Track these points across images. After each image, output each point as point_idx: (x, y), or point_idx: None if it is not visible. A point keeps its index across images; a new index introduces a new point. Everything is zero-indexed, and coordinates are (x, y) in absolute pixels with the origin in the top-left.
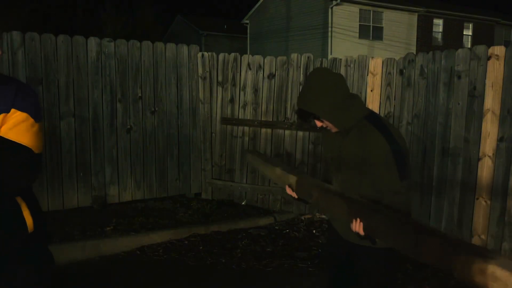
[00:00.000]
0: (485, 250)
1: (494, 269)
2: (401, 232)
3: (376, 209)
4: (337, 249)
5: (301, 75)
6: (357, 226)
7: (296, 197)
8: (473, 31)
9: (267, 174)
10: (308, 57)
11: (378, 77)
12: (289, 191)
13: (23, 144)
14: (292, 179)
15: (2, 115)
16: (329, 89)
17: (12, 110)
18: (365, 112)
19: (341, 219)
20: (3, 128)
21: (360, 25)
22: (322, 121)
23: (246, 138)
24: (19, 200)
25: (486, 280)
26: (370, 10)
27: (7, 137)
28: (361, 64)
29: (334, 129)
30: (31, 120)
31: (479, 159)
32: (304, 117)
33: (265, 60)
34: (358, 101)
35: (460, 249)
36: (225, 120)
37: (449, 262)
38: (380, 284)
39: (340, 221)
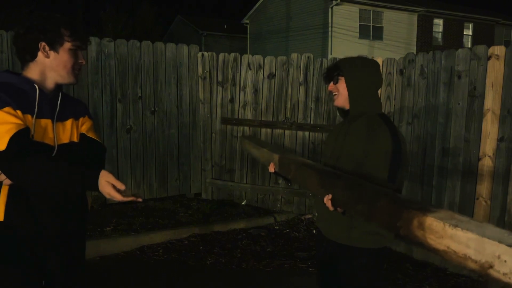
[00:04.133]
0: (429, 205)
1: (431, 221)
2: (357, 198)
3: (338, 176)
4: (323, 250)
5: (301, 75)
6: (327, 200)
7: (272, 171)
8: (473, 31)
9: (256, 155)
10: (308, 57)
11: None
12: (271, 168)
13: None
14: (276, 157)
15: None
16: (368, 73)
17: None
18: (379, 110)
19: (314, 192)
20: (83, 127)
21: (360, 25)
22: (337, 87)
23: None
24: None
25: (425, 233)
26: (370, 10)
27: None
28: None
29: (340, 103)
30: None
31: (479, 159)
32: (330, 74)
33: (265, 60)
34: (379, 101)
35: (404, 206)
36: (225, 120)
37: (395, 220)
38: (362, 285)
39: (323, 221)
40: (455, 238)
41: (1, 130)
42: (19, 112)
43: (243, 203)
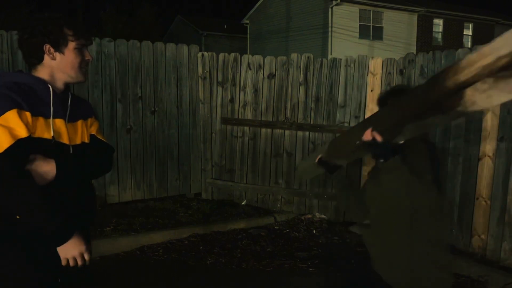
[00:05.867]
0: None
1: (460, 63)
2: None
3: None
4: None
5: (301, 75)
6: (369, 134)
7: (317, 161)
8: (473, 31)
9: (310, 169)
10: (308, 57)
11: (378, 77)
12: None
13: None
14: (323, 149)
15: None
16: None
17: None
18: None
19: (357, 146)
20: (92, 128)
21: (360, 25)
22: None
23: (246, 138)
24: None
25: (458, 76)
26: (370, 10)
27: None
28: (361, 64)
29: None
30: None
31: (479, 159)
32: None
33: (265, 60)
34: None
35: (437, 77)
36: (225, 120)
37: (433, 96)
38: None
39: (385, 262)
40: (482, 54)
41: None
42: (27, 114)
43: (243, 203)
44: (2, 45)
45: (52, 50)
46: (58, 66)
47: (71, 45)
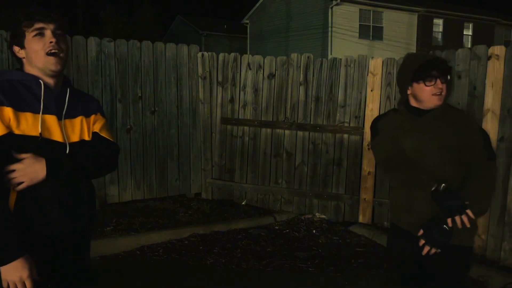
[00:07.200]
0: None
1: None
2: None
3: None
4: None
5: (301, 75)
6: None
7: None
8: (473, 31)
9: None
10: (308, 57)
11: (378, 77)
12: None
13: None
14: None
15: (93, 116)
16: None
17: (99, 114)
18: None
19: None
20: (95, 126)
21: (360, 25)
22: (444, 87)
23: (246, 138)
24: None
25: None
26: (370, 10)
27: (101, 134)
28: (361, 64)
29: (438, 102)
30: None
31: None
32: (445, 72)
33: (265, 60)
34: None
35: None
36: (225, 120)
37: None
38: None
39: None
40: None
41: None
42: (8, 109)
43: (243, 203)
44: (2, 45)
45: (17, 49)
46: (28, 62)
47: (29, 35)
